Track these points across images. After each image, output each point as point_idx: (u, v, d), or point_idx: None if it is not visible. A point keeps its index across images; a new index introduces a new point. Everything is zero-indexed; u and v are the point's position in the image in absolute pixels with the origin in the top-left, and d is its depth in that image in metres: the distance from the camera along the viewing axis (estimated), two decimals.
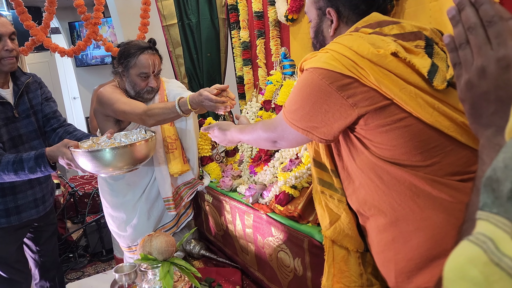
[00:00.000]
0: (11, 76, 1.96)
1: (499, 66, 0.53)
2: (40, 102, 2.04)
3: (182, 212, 2.21)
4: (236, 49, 2.89)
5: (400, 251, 1.00)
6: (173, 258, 1.56)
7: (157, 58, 1.96)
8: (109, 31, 6.06)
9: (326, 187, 1.18)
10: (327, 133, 1.02)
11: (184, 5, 2.89)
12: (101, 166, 1.64)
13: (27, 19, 2.69)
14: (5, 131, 1.87)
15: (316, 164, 1.20)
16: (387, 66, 0.93)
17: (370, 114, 0.95)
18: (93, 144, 1.78)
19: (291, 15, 2.24)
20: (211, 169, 2.12)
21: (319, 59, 1.00)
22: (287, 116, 1.08)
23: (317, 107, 1.00)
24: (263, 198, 1.69)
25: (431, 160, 0.94)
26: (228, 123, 1.49)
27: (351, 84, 0.95)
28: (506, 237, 0.35)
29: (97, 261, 3.54)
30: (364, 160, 1.02)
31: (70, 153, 1.65)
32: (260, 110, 2.10)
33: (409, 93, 0.92)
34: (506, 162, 0.38)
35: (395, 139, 0.95)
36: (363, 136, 1.00)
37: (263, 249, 1.69)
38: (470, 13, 0.55)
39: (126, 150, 1.64)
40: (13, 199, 1.91)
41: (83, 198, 3.95)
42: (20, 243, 2.04)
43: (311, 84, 1.00)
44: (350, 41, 0.98)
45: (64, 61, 7.69)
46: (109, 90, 1.93)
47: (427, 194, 0.94)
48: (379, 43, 0.96)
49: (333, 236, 1.17)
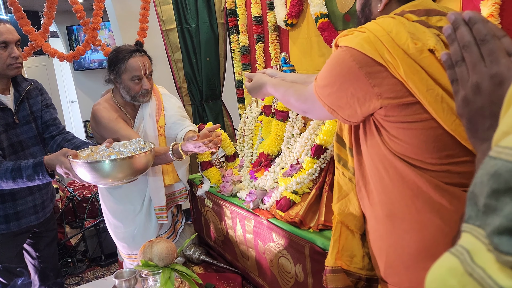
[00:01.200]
0: (12, 81, 1.97)
1: (493, 82, 0.55)
2: (40, 109, 2.04)
3: (175, 220, 2.24)
4: (235, 54, 2.90)
5: (392, 245, 1.03)
6: (174, 264, 1.56)
7: (147, 59, 1.97)
8: (108, 34, 6.06)
9: (341, 163, 1.20)
10: (351, 115, 1.03)
11: (183, 9, 2.90)
12: (100, 177, 1.63)
13: (26, 24, 2.70)
14: (5, 137, 1.87)
15: (338, 139, 1.21)
16: (420, 61, 0.90)
17: (393, 107, 0.95)
18: (92, 153, 1.76)
19: (290, 20, 2.24)
20: (211, 174, 2.11)
21: (354, 38, 0.97)
22: (317, 90, 1.08)
23: (345, 88, 1.00)
24: (263, 204, 1.69)
25: (440, 167, 0.94)
26: (263, 75, 1.46)
27: (380, 72, 0.93)
28: (482, 248, 0.37)
29: (96, 266, 3.53)
30: (376, 149, 1.03)
31: (68, 162, 1.65)
32: (260, 115, 2.10)
33: (435, 96, 0.89)
34: (482, 178, 0.40)
35: (412, 137, 0.95)
36: (381, 125, 1.00)
37: (263, 254, 1.68)
38: (465, 31, 0.57)
39: (125, 162, 1.63)
40: (13, 205, 1.90)
41: (81, 203, 3.94)
42: (19, 249, 2.03)
43: (342, 64, 0.99)
44: (390, 25, 0.94)
45: (62, 65, 7.67)
46: (105, 117, 1.93)
47: (428, 198, 0.95)
48: (419, 34, 0.92)
49: (338, 211, 1.18)
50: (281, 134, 1.87)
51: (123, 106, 2.03)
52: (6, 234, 1.92)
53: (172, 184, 2.16)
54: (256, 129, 2.13)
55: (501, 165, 0.38)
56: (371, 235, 1.12)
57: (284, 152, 1.82)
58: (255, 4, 2.56)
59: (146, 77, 1.96)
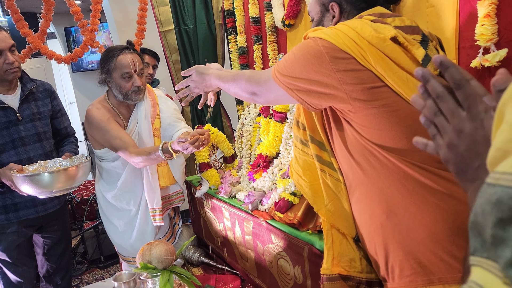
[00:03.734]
0: (20, 81, 2.06)
1: (474, 125, 0.56)
2: (49, 110, 2.15)
3: (173, 223, 2.25)
4: (233, 54, 2.89)
5: (390, 235, 1.03)
6: (173, 267, 1.55)
7: (136, 57, 1.96)
8: (105, 35, 6.05)
9: (326, 166, 1.20)
10: (310, 102, 1.05)
11: (180, 10, 2.89)
12: (39, 188, 1.80)
13: (24, 27, 2.69)
14: (6, 133, 1.98)
15: (314, 141, 1.22)
16: (384, 49, 0.98)
17: (358, 93, 0.98)
18: (42, 168, 1.95)
19: (288, 20, 2.24)
20: (209, 176, 2.11)
21: (323, 32, 1.04)
22: (276, 72, 1.09)
23: (307, 70, 1.02)
24: (262, 205, 1.69)
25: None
26: (206, 67, 1.47)
27: (346, 59, 0.98)
28: (497, 282, 0.35)
29: (96, 268, 3.52)
30: (353, 143, 1.05)
31: (10, 176, 1.82)
32: (258, 116, 2.10)
33: (401, 77, 0.97)
34: (483, 207, 0.39)
35: (382, 122, 0.98)
36: (351, 119, 1.03)
37: (263, 256, 1.68)
38: (435, 83, 0.59)
39: (59, 174, 1.82)
40: (11, 196, 1.98)
41: (80, 205, 3.93)
42: (22, 243, 2.09)
43: (308, 48, 1.03)
44: (354, 23, 1.03)
45: (60, 66, 7.68)
46: (98, 117, 1.96)
47: (415, 179, 0.97)
48: (380, 29, 1.01)
49: (327, 214, 1.18)
50: (279, 135, 1.87)
51: (117, 107, 2.03)
52: (6, 226, 2.00)
53: (168, 186, 2.16)
54: (255, 130, 2.13)
55: (502, 192, 0.37)
56: (366, 234, 1.12)
57: (283, 153, 1.82)
58: (252, 5, 2.56)
59: (137, 74, 1.96)
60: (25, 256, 2.11)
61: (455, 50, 1.48)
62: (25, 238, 2.10)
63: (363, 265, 1.17)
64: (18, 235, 2.05)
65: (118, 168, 2.04)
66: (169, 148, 1.79)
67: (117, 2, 3.83)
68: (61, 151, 2.18)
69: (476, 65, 1.36)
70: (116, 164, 2.03)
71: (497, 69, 1.33)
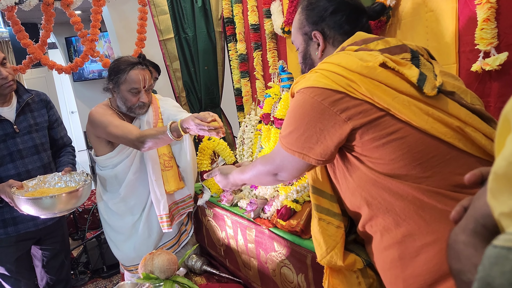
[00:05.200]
0: (15, 93, 2.03)
1: None
2: (46, 120, 2.11)
3: (182, 230, 2.20)
4: (233, 62, 2.90)
5: (407, 267, 0.98)
6: (175, 276, 1.55)
7: (148, 73, 1.95)
8: (106, 45, 6.08)
9: (324, 213, 1.16)
10: (323, 153, 1.01)
11: (180, 19, 2.90)
12: (41, 210, 1.78)
13: (24, 38, 2.71)
14: (4, 146, 1.94)
15: (314, 191, 1.18)
16: (377, 77, 0.95)
17: (365, 127, 0.95)
18: (40, 183, 1.95)
19: (287, 27, 2.24)
20: (211, 184, 2.10)
21: (308, 79, 1.01)
22: (282, 141, 1.07)
23: (312, 126, 0.99)
24: (264, 213, 1.68)
25: (431, 171, 0.92)
26: (229, 166, 1.47)
27: (342, 98, 0.95)
28: None
29: (98, 278, 3.50)
30: (364, 178, 1.01)
31: (10, 193, 1.80)
32: (259, 123, 2.09)
33: (402, 102, 0.93)
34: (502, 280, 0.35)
35: (392, 152, 0.94)
36: (360, 154, 0.99)
37: (266, 264, 1.67)
38: None
39: (62, 197, 1.79)
40: (9, 210, 1.95)
41: (82, 214, 3.92)
42: (21, 256, 2.07)
43: (304, 104, 1.00)
44: (338, 59, 1.01)
45: (62, 76, 7.71)
46: (100, 112, 1.94)
47: (432, 207, 0.93)
48: (366, 57, 0.99)
49: (330, 264, 1.15)
50: None
51: (119, 112, 2.02)
52: (5, 240, 1.98)
53: (176, 192, 2.10)
54: (256, 137, 2.12)
55: None
56: (381, 265, 1.07)
57: None
58: (252, 12, 2.57)
59: (145, 90, 1.95)
60: (24, 269, 2.09)
61: (455, 54, 1.47)
62: (23, 251, 2.07)
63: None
64: (16, 249, 2.03)
65: (119, 175, 2.02)
66: (178, 126, 1.68)
67: (117, 11, 3.85)
68: (59, 162, 2.15)
69: (476, 69, 1.36)
70: (117, 171, 2.01)
71: (498, 73, 1.32)
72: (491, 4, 1.29)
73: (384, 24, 1.72)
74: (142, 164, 2.03)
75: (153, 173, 2.01)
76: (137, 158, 2.02)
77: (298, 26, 1.23)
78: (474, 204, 0.47)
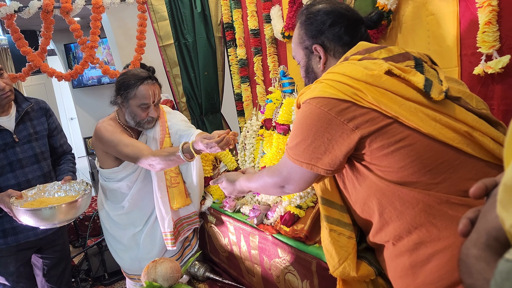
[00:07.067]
0: (14, 102, 2.01)
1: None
2: (46, 129, 2.10)
3: (186, 244, 2.17)
4: (233, 67, 2.90)
5: (418, 276, 0.97)
6: (178, 285, 1.53)
7: (157, 88, 1.92)
8: (105, 52, 6.08)
9: (334, 224, 1.15)
10: (332, 162, 1.00)
11: (180, 25, 2.91)
12: (41, 221, 1.76)
13: (24, 45, 2.70)
14: (3, 156, 1.92)
15: (324, 202, 1.17)
16: (382, 85, 0.95)
17: (373, 135, 0.94)
18: (40, 192, 1.93)
19: (287, 32, 2.25)
20: (213, 190, 2.09)
21: (314, 90, 1.01)
22: (289, 153, 1.06)
23: (319, 137, 0.99)
24: (267, 219, 1.67)
25: (441, 177, 0.92)
26: (236, 173, 1.45)
27: (349, 108, 0.95)
28: None
29: (100, 285, 3.48)
30: (373, 187, 1.00)
31: (9, 203, 1.78)
32: (261, 129, 2.09)
33: (408, 109, 0.93)
34: None
35: (401, 160, 0.93)
36: (369, 162, 0.99)
37: (269, 270, 1.66)
38: None
39: (61, 208, 1.77)
40: (9, 220, 1.92)
41: (83, 221, 3.90)
42: (21, 266, 2.05)
43: (310, 115, 1.00)
44: (342, 68, 1.01)
45: (61, 83, 7.70)
46: (109, 130, 1.90)
47: (444, 214, 0.92)
48: (371, 66, 0.99)
49: (343, 276, 1.13)
50: (283, 148, 1.86)
51: (127, 126, 1.99)
52: (5, 249, 1.96)
53: (181, 208, 2.06)
54: (257, 142, 2.12)
55: None
56: (392, 273, 1.06)
57: None
58: (251, 17, 2.57)
59: (154, 105, 1.91)
60: (24, 278, 2.06)
61: (457, 57, 1.47)
62: (24, 260, 2.05)
63: None
64: (17, 258, 2.01)
65: (123, 189, 1.99)
66: (190, 148, 1.65)
67: (117, 18, 3.85)
68: (59, 170, 2.12)
69: (479, 72, 1.36)
70: (121, 185, 1.98)
71: (500, 75, 1.32)
72: (492, 7, 1.29)
73: (385, 28, 1.72)
74: (148, 180, 2.00)
75: (159, 190, 1.97)
76: (143, 173, 1.99)
77: (298, 41, 1.23)
78: (485, 216, 0.46)
